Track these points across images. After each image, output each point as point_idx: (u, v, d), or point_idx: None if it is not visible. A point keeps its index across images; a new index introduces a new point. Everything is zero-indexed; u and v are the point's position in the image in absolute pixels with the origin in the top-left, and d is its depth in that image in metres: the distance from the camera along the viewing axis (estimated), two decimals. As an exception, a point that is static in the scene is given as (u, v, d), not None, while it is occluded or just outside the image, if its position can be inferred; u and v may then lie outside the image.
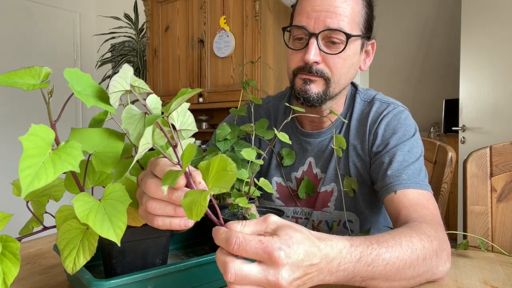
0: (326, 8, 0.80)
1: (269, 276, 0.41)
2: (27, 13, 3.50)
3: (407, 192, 0.77)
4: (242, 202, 0.65)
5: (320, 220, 0.96)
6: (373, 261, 0.51)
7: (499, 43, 2.81)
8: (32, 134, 0.38)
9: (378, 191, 0.84)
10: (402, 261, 0.55)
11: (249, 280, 0.41)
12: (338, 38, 0.80)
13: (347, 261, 0.48)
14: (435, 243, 0.61)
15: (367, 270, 0.51)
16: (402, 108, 0.91)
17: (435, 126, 3.82)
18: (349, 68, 0.85)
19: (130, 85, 0.46)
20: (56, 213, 0.50)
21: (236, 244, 0.41)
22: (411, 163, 0.81)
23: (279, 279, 0.41)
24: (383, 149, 0.86)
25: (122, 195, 0.46)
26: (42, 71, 0.44)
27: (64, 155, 0.40)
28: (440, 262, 0.61)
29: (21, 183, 0.35)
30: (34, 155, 0.37)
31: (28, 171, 0.36)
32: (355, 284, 0.52)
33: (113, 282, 0.48)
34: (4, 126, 3.36)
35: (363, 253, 0.51)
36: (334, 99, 0.89)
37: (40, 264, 0.71)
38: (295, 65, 0.85)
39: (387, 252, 0.54)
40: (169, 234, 0.58)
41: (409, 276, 0.56)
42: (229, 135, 0.80)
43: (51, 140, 0.40)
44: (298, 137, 0.98)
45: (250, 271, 0.41)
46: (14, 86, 0.41)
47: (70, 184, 0.50)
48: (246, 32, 2.57)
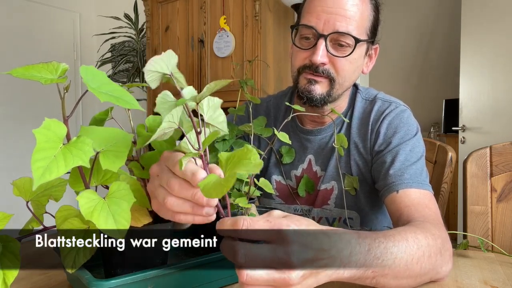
0: (336, 11, 0.80)
1: (279, 254, 0.41)
2: (27, 13, 3.50)
3: (409, 191, 0.77)
4: (242, 202, 0.65)
5: (320, 217, 0.96)
6: (382, 254, 0.51)
7: (499, 43, 2.81)
8: (45, 128, 0.39)
9: (380, 190, 0.84)
10: (410, 255, 0.55)
11: (259, 259, 0.40)
12: (346, 41, 0.81)
13: (357, 252, 0.48)
14: (439, 242, 0.61)
15: (377, 264, 0.50)
16: (404, 107, 0.91)
17: (435, 126, 3.82)
18: (354, 71, 0.86)
19: (171, 72, 0.46)
20: (56, 213, 0.50)
21: (244, 225, 0.41)
22: (413, 162, 0.82)
23: (290, 256, 0.41)
24: (385, 148, 0.86)
25: (127, 193, 0.46)
26: (60, 67, 0.44)
27: (75, 150, 0.40)
28: (444, 262, 0.61)
29: (33, 175, 0.36)
30: (46, 148, 0.38)
31: (40, 163, 0.37)
32: (366, 282, 0.52)
33: (113, 282, 0.48)
34: (3, 126, 3.36)
35: (371, 245, 0.50)
36: (337, 100, 0.89)
37: (40, 264, 0.70)
38: (301, 64, 0.85)
39: (394, 246, 0.53)
40: (169, 234, 0.58)
41: (416, 272, 0.56)
42: (227, 135, 0.80)
43: (62, 135, 0.41)
44: (298, 134, 0.98)
45: (260, 250, 0.41)
46: (32, 79, 0.42)
47: (75, 181, 0.50)
48: (246, 32, 2.57)
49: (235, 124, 0.90)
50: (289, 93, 1.05)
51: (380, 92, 0.96)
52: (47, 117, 0.40)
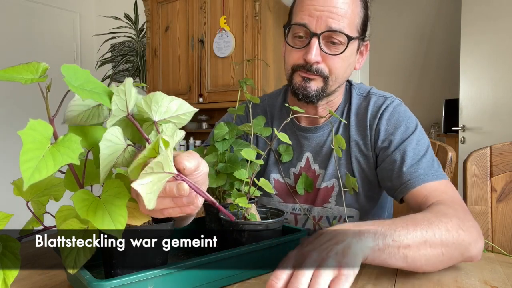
0: (328, 9, 0.81)
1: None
2: (27, 13, 3.50)
3: (426, 186, 0.79)
4: (242, 202, 0.65)
5: (321, 216, 0.96)
6: (392, 227, 0.59)
7: (499, 43, 2.81)
8: (30, 129, 0.39)
9: (395, 189, 0.84)
10: (423, 228, 0.60)
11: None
12: (338, 39, 0.82)
13: (369, 224, 0.58)
14: (454, 219, 0.64)
15: (393, 234, 0.57)
16: (398, 101, 0.93)
17: (435, 126, 3.82)
18: (347, 68, 0.88)
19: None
20: (56, 213, 0.50)
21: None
22: (423, 155, 0.83)
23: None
24: (389, 144, 0.87)
25: (121, 191, 0.46)
26: (40, 67, 0.44)
27: (63, 149, 0.40)
28: (472, 239, 0.64)
29: (22, 176, 0.36)
30: (33, 149, 0.38)
31: (29, 164, 0.37)
32: (396, 258, 0.57)
33: (113, 282, 0.48)
34: (2, 126, 3.36)
35: (382, 224, 0.59)
36: (331, 95, 0.91)
37: (40, 264, 0.71)
38: (294, 62, 0.87)
39: (402, 221, 0.61)
40: (169, 234, 0.58)
41: (437, 242, 0.60)
42: (227, 135, 0.80)
43: (49, 135, 0.41)
44: (294, 132, 0.98)
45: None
46: (12, 80, 0.42)
47: (70, 183, 0.50)
48: (246, 32, 2.57)
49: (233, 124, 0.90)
50: (283, 91, 1.06)
51: (373, 87, 0.97)
52: (38, 118, 0.40)
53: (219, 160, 0.74)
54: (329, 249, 0.53)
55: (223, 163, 0.74)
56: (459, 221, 0.65)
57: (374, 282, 0.60)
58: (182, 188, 0.45)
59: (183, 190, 0.45)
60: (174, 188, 0.46)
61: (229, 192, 0.75)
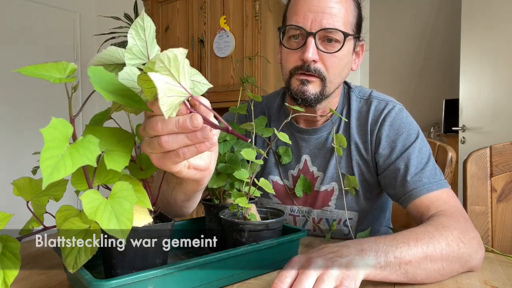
0: (322, 9, 0.82)
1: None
2: (27, 13, 3.50)
3: (430, 195, 0.80)
4: (242, 202, 0.65)
5: (320, 218, 0.96)
6: (394, 244, 0.60)
7: (499, 43, 2.81)
8: (52, 127, 0.39)
9: (399, 197, 0.85)
10: (424, 243, 0.61)
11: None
12: (334, 37, 0.82)
13: (374, 245, 0.59)
14: (456, 232, 0.65)
15: (395, 250, 0.58)
16: (400, 106, 0.92)
17: (435, 126, 3.82)
18: (343, 67, 0.88)
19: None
20: (56, 213, 0.50)
21: None
22: (426, 163, 0.83)
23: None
24: (391, 152, 0.86)
25: (130, 194, 0.46)
26: (69, 67, 0.44)
27: (82, 150, 0.40)
28: (472, 250, 0.65)
29: (42, 174, 0.36)
30: (53, 147, 0.38)
31: (49, 162, 0.37)
32: (397, 273, 0.58)
33: (113, 282, 0.48)
34: (3, 126, 3.36)
35: (384, 240, 0.61)
36: (329, 97, 0.90)
37: (40, 264, 0.71)
38: (292, 65, 0.86)
39: (403, 237, 0.62)
40: (169, 234, 0.58)
41: (437, 257, 0.61)
42: (228, 136, 0.80)
43: (69, 134, 0.41)
44: (292, 133, 0.98)
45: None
46: (41, 78, 0.42)
47: (78, 180, 0.50)
48: (246, 32, 2.57)
49: (235, 123, 0.90)
50: (281, 93, 1.06)
51: (373, 90, 0.97)
52: (54, 117, 0.40)
53: (220, 161, 0.74)
54: (334, 259, 0.54)
55: (224, 163, 0.74)
56: (460, 233, 0.65)
57: (374, 282, 0.60)
58: (195, 118, 0.44)
59: (196, 120, 0.44)
60: (187, 120, 0.44)
61: (229, 192, 0.75)
